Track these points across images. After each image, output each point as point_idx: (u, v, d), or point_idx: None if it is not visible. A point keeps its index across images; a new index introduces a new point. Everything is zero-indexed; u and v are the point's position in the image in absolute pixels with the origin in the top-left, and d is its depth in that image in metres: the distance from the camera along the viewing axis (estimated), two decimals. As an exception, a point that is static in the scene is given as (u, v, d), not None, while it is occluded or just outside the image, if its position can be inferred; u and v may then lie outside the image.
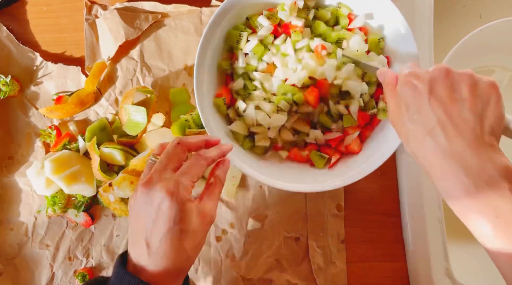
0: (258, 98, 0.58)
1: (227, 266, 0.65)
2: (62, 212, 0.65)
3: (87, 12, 0.68)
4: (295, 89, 0.56)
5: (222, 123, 0.59)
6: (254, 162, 0.58)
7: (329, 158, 0.58)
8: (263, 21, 0.58)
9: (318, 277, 0.64)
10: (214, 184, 0.48)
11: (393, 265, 0.66)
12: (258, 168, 0.57)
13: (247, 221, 0.66)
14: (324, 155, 0.58)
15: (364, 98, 0.57)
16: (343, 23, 0.59)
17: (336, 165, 0.59)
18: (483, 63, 0.73)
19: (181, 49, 0.68)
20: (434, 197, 0.63)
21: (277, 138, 0.59)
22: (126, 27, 0.66)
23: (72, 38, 0.69)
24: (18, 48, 0.68)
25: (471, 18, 0.74)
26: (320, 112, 0.58)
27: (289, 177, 0.57)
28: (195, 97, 0.56)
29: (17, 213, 0.66)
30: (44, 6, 0.70)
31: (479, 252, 0.70)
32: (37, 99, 0.68)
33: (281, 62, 0.58)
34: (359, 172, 0.55)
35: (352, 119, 0.57)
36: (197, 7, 0.68)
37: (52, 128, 0.66)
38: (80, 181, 0.63)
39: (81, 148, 0.65)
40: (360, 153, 0.59)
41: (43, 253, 0.66)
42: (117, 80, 0.68)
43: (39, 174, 0.63)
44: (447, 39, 0.64)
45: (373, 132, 0.60)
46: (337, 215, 0.66)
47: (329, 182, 0.55)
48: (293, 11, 0.58)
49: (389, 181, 0.67)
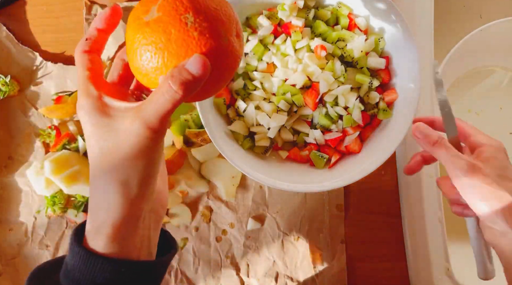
0: (258, 98, 0.58)
1: (227, 266, 0.65)
2: (62, 212, 0.65)
3: (87, 12, 0.68)
4: (295, 89, 0.56)
5: (222, 123, 0.59)
6: (254, 162, 0.58)
7: (329, 158, 0.58)
8: (263, 21, 0.58)
9: (318, 277, 0.64)
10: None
11: (394, 265, 0.66)
12: (258, 168, 0.57)
13: (247, 221, 0.66)
14: (324, 155, 0.58)
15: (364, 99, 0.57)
16: (343, 23, 0.59)
17: (336, 165, 0.59)
18: (483, 63, 0.73)
19: (181, 49, 0.68)
20: (434, 197, 0.63)
21: (277, 139, 0.59)
22: (125, 27, 0.66)
23: (72, 38, 0.69)
24: (18, 48, 0.68)
25: (471, 18, 0.74)
26: (319, 113, 0.58)
27: (289, 177, 0.57)
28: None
29: (17, 213, 0.66)
30: (44, 6, 0.70)
31: (479, 252, 0.70)
32: (36, 99, 0.68)
33: (281, 62, 0.57)
34: (359, 171, 0.55)
35: (351, 119, 0.57)
36: (197, 7, 0.68)
37: (51, 128, 0.66)
38: (80, 181, 0.63)
39: (80, 148, 0.65)
40: (361, 153, 0.58)
41: (42, 253, 0.65)
42: (116, 80, 0.68)
43: (38, 174, 0.63)
44: (447, 39, 0.64)
45: (374, 132, 0.60)
46: (337, 215, 0.66)
47: (329, 182, 0.55)
48: (293, 11, 0.58)
49: (389, 181, 0.67)
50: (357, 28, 0.59)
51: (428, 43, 0.63)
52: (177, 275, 0.65)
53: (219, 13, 0.32)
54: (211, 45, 0.31)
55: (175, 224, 0.65)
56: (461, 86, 0.73)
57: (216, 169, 0.65)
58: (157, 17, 0.31)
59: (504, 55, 0.71)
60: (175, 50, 0.31)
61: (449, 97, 0.73)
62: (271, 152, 0.60)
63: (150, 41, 0.31)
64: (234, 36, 0.33)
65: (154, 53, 0.31)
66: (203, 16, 0.31)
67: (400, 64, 0.57)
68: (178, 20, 0.31)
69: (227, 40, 0.32)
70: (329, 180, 0.56)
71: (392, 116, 0.57)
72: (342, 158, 0.59)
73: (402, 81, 0.57)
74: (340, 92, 0.56)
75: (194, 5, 0.31)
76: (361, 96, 0.58)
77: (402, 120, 0.55)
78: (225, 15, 0.33)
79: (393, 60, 0.58)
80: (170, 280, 0.65)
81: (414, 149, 0.64)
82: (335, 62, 0.56)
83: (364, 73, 0.57)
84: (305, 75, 0.56)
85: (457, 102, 0.74)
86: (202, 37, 0.31)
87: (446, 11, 0.72)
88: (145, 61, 0.32)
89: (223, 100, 0.59)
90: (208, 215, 0.66)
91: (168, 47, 0.31)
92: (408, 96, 0.56)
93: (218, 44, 0.32)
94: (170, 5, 0.31)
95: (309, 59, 0.56)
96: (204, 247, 0.65)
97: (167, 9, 0.31)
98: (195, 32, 0.31)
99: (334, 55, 0.58)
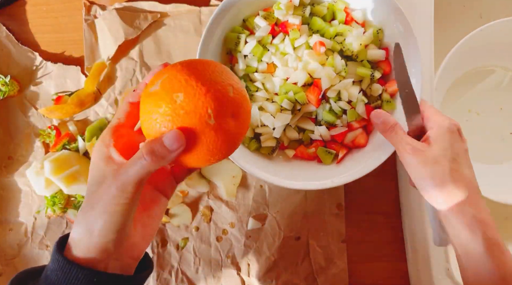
0: (261, 99, 0.58)
1: (227, 265, 0.65)
2: (62, 212, 0.65)
3: (86, 12, 0.68)
4: (297, 87, 0.56)
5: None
6: (262, 163, 0.58)
7: (336, 153, 0.58)
8: (260, 22, 0.58)
9: (319, 277, 0.64)
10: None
11: (394, 265, 0.66)
12: (266, 168, 0.56)
13: (247, 220, 0.66)
14: (331, 150, 0.58)
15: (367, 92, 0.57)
16: (340, 18, 0.58)
17: (344, 160, 0.58)
18: (483, 63, 0.73)
19: (180, 49, 0.68)
20: (434, 197, 0.63)
21: (283, 138, 0.59)
22: (125, 27, 0.66)
23: (71, 38, 0.69)
24: (18, 48, 0.68)
25: (471, 18, 0.74)
26: (323, 110, 0.58)
27: (297, 175, 0.57)
28: None
29: (17, 213, 0.66)
30: (43, 5, 0.70)
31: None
32: (36, 99, 0.68)
33: (281, 62, 0.57)
34: (367, 164, 0.55)
35: (356, 113, 0.57)
36: (196, 7, 0.68)
37: (51, 129, 0.66)
38: (80, 181, 0.63)
39: (80, 148, 0.65)
40: (367, 146, 0.58)
41: (42, 253, 0.65)
42: (116, 81, 0.68)
43: (38, 174, 0.63)
44: (447, 39, 0.64)
45: None
46: (338, 214, 0.66)
47: (338, 177, 0.55)
48: (289, 9, 0.58)
49: (389, 181, 0.67)
50: (355, 21, 0.59)
51: (428, 43, 0.63)
52: (178, 275, 0.65)
53: (214, 96, 0.34)
54: (193, 124, 0.34)
55: (175, 224, 0.65)
56: (461, 86, 0.73)
57: (216, 169, 0.65)
58: (155, 91, 0.35)
59: (504, 55, 0.71)
60: (161, 123, 0.35)
61: (449, 97, 0.73)
62: (277, 151, 0.60)
63: (148, 111, 0.35)
64: (229, 117, 0.35)
65: (149, 120, 0.35)
66: (193, 98, 0.34)
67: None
68: (170, 97, 0.34)
69: (213, 122, 0.34)
70: (338, 175, 0.56)
71: (396, 107, 0.57)
72: (349, 152, 0.59)
73: None
74: (343, 86, 0.56)
75: (187, 87, 0.34)
76: (363, 89, 0.58)
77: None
78: (220, 98, 0.35)
79: (392, 52, 0.58)
80: (170, 280, 0.65)
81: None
82: (335, 57, 0.56)
83: (365, 66, 0.57)
84: (306, 72, 0.56)
85: (457, 102, 0.74)
86: (187, 116, 0.34)
87: (446, 11, 0.72)
88: (143, 124, 0.36)
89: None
90: (209, 214, 0.66)
91: (157, 119, 0.35)
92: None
93: (201, 124, 0.34)
94: (169, 82, 0.35)
95: (309, 56, 0.56)
96: (205, 247, 0.65)
97: (166, 85, 0.35)
98: (182, 111, 0.34)
99: (334, 51, 0.57)
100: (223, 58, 0.60)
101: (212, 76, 0.35)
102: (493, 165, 0.72)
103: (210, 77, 0.35)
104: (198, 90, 0.34)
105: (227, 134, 0.35)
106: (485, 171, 0.70)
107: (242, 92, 0.37)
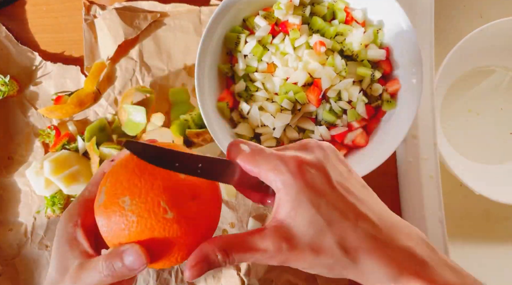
0: (261, 99, 0.58)
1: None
2: (61, 213, 0.65)
3: (86, 12, 0.68)
4: (297, 87, 0.56)
5: (227, 127, 0.59)
6: None
7: None
8: (260, 22, 0.58)
9: (319, 277, 0.64)
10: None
11: (394, 265, 0.66)
12: None
13: (247, 220, 0.66)
14: None
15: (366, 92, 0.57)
16: (340, 17, 0.59)
17: None
18: (483, 63, 0.73)
19: (180, 49, 0.68)
20: (435, 197, 0.63)
21: (283, 138, 0.59)
22: (125, 26, 0.66)
23: (71, 37, 0.69)
24: (17, 48, 0.68)
25: (472, 17, 0.74)
26: (323, 110, 0.58)
27: None
28: (198, 103, 0.55)
29: (16, 214, 0.66)
30: (43, 5, 0.70)
31: (480, 252, 0.70)
32: (36, 99, 0.68)
33: (281, 61, 0.57)
34: (368, 164, 0.55)
35: (356, 113, 0.57)
36: (196, 6, 0.68)
37: (51, 128, 0.66)
38: (79, 181, 0.63)
39: (80, 148, 0.65)
40: (367, 145, 0.58)
41: (42, 253, 0.65)
42: (116, 80, 0.68)
43: (38, 174, 0.63)
44: (447, 38, 0.64)
45: (379, 125, 0.59)
46: (337, 215, 0.66)
47: None
48: (289, 9, 0.58)
49: (389, 181, 0.67)
50: (355, 21, 0.59)
51: (428, 43, 0.63)
52: (178, 275, 0.65)
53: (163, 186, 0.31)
54: (150, 226, 0.31)
55: (175, 224, 0.65)
56: (461, 86, 0.74)
57: (216, 169, 0.65)
58: (103, 202, 0.32)
59: (504, 55, 0.71)
60: (118, 233, 0.32)
61: (449, 97, 0.73)
62: None
63: (101, 219, 0.33)
64: (189, 201, 0.31)
65: (106, 227, 0.32)
66: (140, 199, 0.31)
67: (401, 54, 0.57)
68: (117, 205, 0.31)
69: (171, 215, 0.31)
70: None
71: (397, 107, 0.57)
72: (349, 152, 0.59)
73: (404, 71, 0.57)
74: (343, 86, 0.56)
75: (130, 187, 0.31)
76: (364, 89, 0.58)
77: (407, 110, 0.56)
78: (170, 186, 0.31)
79: (394, 51, 0.58)
80: (170, 280, 0.65)
81: (414, 149, 0.64)
82: (335, 57, 0.56)
83: (365, 66, 0.57)
84: (306, 72, 0.56)
85: (457, 102, 0.74)
86: (141, 219, 0.31)
87: (446, 11, 0.72)
88: (101, 229, 0.33)
89: (226, 104, 0.59)
90: (208, 215, 0.66)
91: (112, 228, 0.32)
92: (411, 86, 0.56)
93: (159, 222, 0.30)
94: (112, 187, 0.32)
95: (309, 56, 0.56)
96: (204, 247, 0.65)
97: (110, 192, 0.32)
98: (134, 216, 0.31)
99: (334, 50, 0.57)
100: (223, 58, 0.60)
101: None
102: (493, 165, 0.72)
103: (153, 166, 0.31)
104: (143, 186, 0.31)
105: (194, 221, 0.31)
106: (485, 171, 0.70)
107: None
